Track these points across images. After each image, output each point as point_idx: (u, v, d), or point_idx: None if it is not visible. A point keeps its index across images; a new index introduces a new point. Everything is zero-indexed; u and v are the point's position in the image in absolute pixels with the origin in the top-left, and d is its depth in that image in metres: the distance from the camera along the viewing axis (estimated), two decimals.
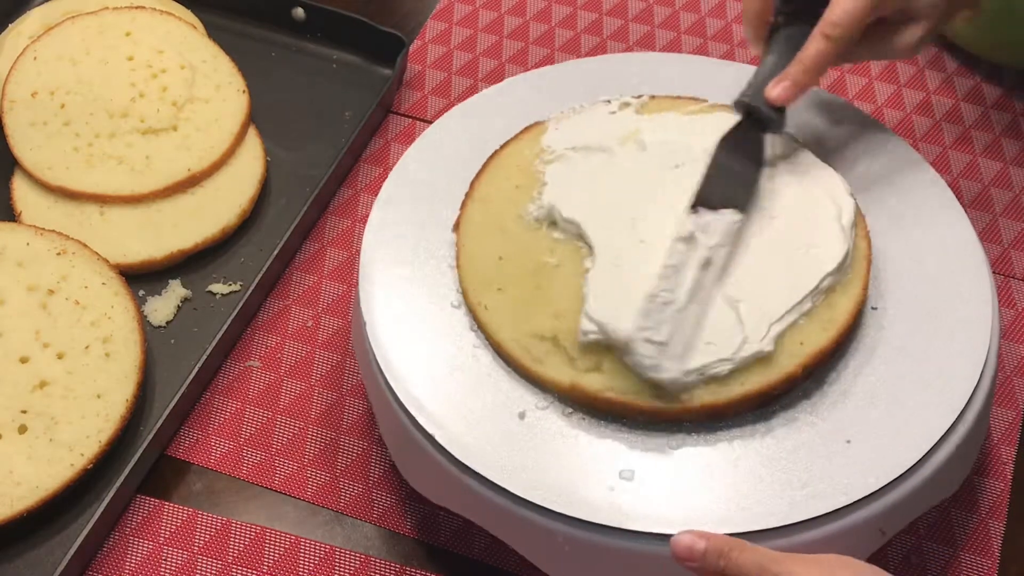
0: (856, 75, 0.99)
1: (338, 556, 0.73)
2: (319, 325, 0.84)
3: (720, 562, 0.55)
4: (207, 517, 0.75)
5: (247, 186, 0.89)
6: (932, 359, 0.68)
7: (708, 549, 0.56)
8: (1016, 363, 0.81)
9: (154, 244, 0.85)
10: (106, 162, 0.87)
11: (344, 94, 0.97)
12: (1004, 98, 0.97)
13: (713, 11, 1.04)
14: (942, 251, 0.73)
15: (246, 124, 0.92)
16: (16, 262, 0.80)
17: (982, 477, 0.76)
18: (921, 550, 0.73)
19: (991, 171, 0.93)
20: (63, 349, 0.77)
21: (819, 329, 0.66)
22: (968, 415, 0.66)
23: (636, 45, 1.02)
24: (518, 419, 0.66)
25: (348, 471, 0.77)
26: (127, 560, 0.73)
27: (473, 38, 1.03)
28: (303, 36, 1.01)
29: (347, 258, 0.88)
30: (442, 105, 0.97)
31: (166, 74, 0.92)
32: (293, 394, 0.81)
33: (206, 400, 0.80)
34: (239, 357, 0.83)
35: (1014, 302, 0.85)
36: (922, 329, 0.69)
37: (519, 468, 0.64)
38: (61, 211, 0.86)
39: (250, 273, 0.85)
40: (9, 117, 0.89)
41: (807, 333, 0.66)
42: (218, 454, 0.78)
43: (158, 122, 0.89)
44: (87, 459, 0.73)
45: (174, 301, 0.84)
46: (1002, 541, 0.73)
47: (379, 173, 0.93)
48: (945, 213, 0.75)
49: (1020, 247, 0.88)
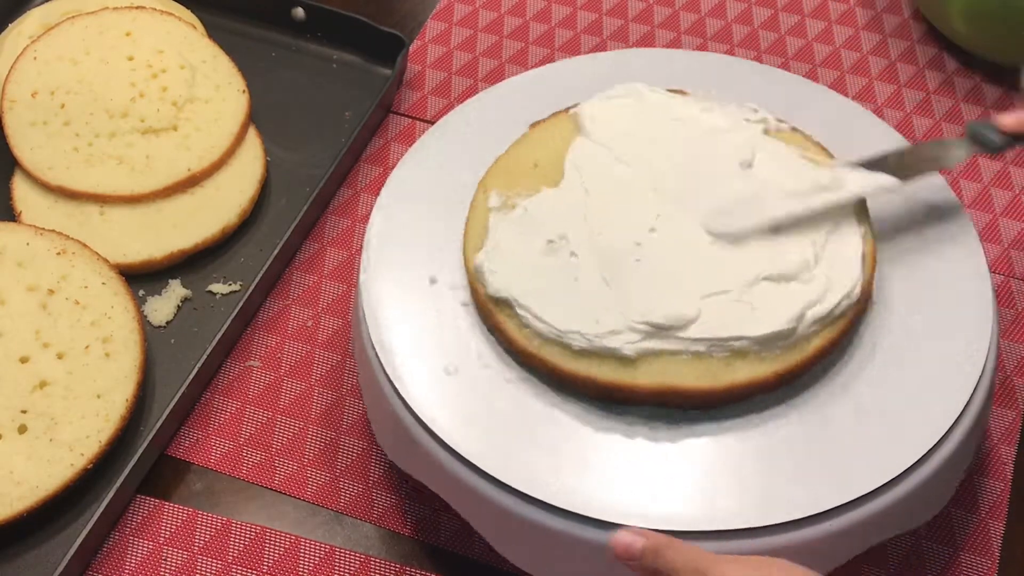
0: (856, 75, 0.99)
1: (338, 556, 0.73)
2: (319, 325, 0.84)
3: (657, 561, 0.55)
4: (207, 517, 0.75)
5: (247, 186, 0.89)
6: (932, 359, 0.68)
7: (645, 548, 0.55)
8: (1016, 363, 0.81)
9: (154, 244, 0.85)
10: (106, 162, 0.87)
11: (344, 94, 0.97)
12: (1004, 98, 0.97)
13: (713, 11, 1.04)
14: (942, 251, 0.73)
15: (246, 124, 0.92)
16: (16, 262, 0.80)
17: (982, 477, 0.76)
18: (921, 550, 0.73)
19: (991, 171, 0.93)
20: (63, 349, 0.77)
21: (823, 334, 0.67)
22: (968, 415, 0.66)
23: (636, 45, 1.02)
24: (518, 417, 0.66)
25: (348, 471, 0.77)
26: (127, 560, 0.73)
27: (473, 38, 1.03)
28: (303, 36, 1.01)
29: (347, 258, 0.88)
30: (442, 105, 0.97)
31: (166, 74, 0.92)
32: (293, 394, 0.81)
33: (206, 400, 0.80)
34: (239, 357, 0.83)
35: (1014, 302, 0.85)
36: (922, 329, 0.69)
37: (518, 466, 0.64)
38: (61, 211, 0.86)
39: (250, 273, 0.85)
40: (9, 117, 0.89)
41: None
42: (218, 454, 0.78)
43: (158, 122, 0.89)
44: (87, 459, 0.73)
45: (174, 301, 0.84)
46: (1002, 541, 0.73)
47: (379, 173, 0.93)
48: (945, 213, 0.75)
49: (1020, 247, 0.88)
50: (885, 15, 1.04)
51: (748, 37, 1.02)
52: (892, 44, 1.02)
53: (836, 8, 1.05)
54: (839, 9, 1.05)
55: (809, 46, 1.02)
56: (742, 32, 1.03)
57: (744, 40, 1.02)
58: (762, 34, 1.03)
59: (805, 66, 1.00)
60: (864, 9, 1.05)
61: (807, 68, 1.00)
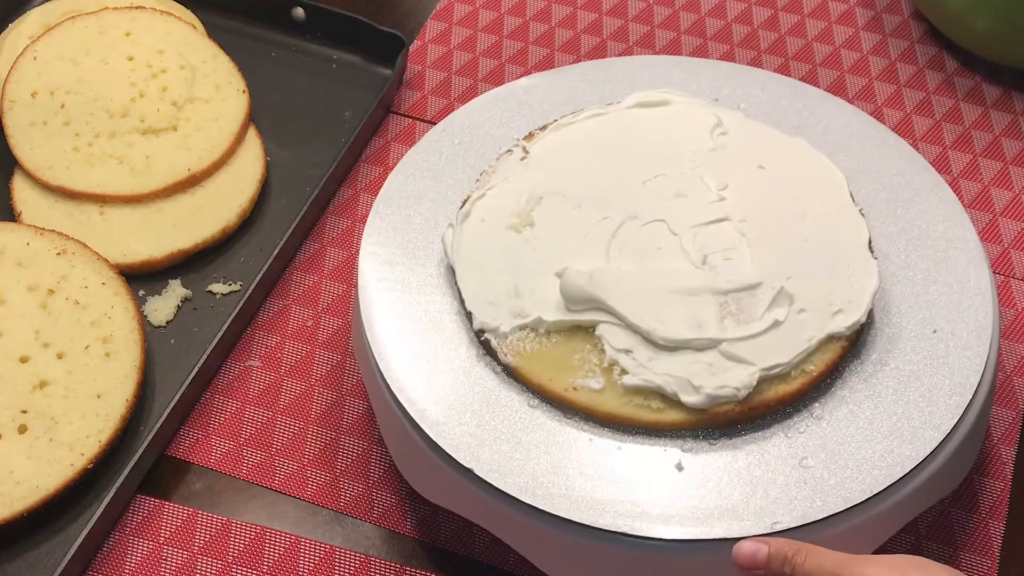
0: (856, 75, 0.99)
1: (338, 556, 0.73)
2: (319, 325, 0.84)
3: (785, 568, 0.54)
4: (207, 517, 0.75)
5: (247, 186, 0.89)
6: (933, 359, 0.68)
7: (771, 555, 0.54)
8: (1016, 363, 0.81)
9: (154, 244, 0.85)
10: (106, 162, 0.87)
11: (344, 94, 0.97)
12: (1004, 98, 0.97)
13: (713, 11, 1.04)
14: (942, 251, 0.73)
15: (246, 124, 0.92)
16: (16, 262, 0.80)
17: (982, 477, 0.76)
18: (921, 550, 0.73)
19: (991, 171, 0.93)
20: (63, 349, 0.77)
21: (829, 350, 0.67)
22: (968, 415, 0.66)
23: (636, 45, 1.02)
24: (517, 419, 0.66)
25: (348, 471, 0.77)
26: (127, 560, 0.73)
27: (473, 38, 1.03)
28: (303, 36, 1.01)
29: (347, 258, 0.88)
30: (442, 105, 0.97)
31: (166, 74, 0.92)
32: (293, 394, 0.81)
33: (206, 400, 0.80)
34: (239, 357, 0.83)
35: (1014, 302, 0.85)
36: (923, 329, 0.69)
37: (518, 470, 0.64)
38: (61, 211, 0.86)
39: (250, 273, 0.85)
40: (9, 117, 0.89)
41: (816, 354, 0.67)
42: (218, 454, 0.78)
43: (158, 122, 0.89)
44: (87, 459, 0.73)
45: (174, 301, 0.84)
46: (1002, 541, 0.73)
47: (379, 173, 0.93)
48: (945, 213, 0.75)
49: (1020, 247, 0.88)
50: (885, 15, 1.04)
51: (748, 37, 1.02)
52: (892, 44, 1.02)
53: (836, 8, 1.05)
54: (839, 9, 1.05)
55: (809, 46, 1.02)
56: (742, 32, 1.03)
57: (744, 40, 1.02)
58: (762, 34, 1.03)
59: (805, 66, 1.00)
60: (864, 9, 1.05)
61: (807, 68, 1.00)
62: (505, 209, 0.73)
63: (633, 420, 0.65)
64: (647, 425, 0.65)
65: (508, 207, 0.73)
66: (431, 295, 0.72)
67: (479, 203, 0.74)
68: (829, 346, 0.67)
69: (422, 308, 0.71)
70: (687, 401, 0.64)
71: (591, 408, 0.66)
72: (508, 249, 0.71)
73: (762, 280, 0.68)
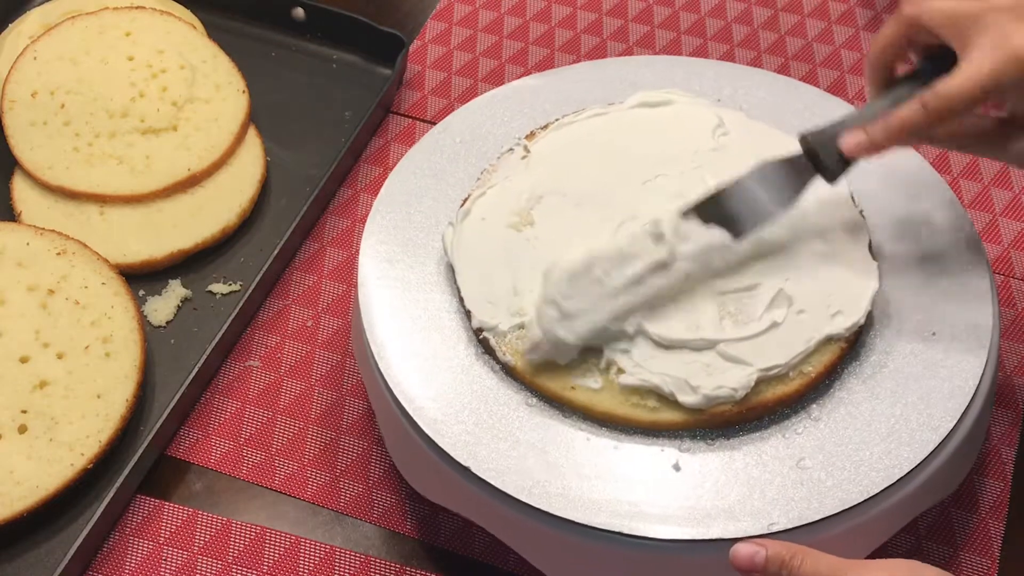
0: (856, 75, 0.99)
1: (338, 556, 0.73)
2: (319, 325, 0.84)
3: (782, 572, 0.54)
4: (207, 517, 0.75)
5: (247, 186, 0.89)
6: (933, 359, 0.68)
7: (769, 558, 0.54)
8: (1016, 363, 0.81)
9: (154, 244, 0.85)
10: (106, 162, 0.87)
11: (344, 94, 0.97)
12: None
13: (713, 11, 1.04)
14: (942, 251, 0.73)
15: (246, 124, 0.92)
16: (16, 262, 0.80)
17: (982, 477, 0.76)
18: (921, 550, 0.73)
19: (991, 171, 0.92)
20: (63, 349, 0.77)
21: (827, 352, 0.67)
22: (968, 415, 0.66)
23: (636, 45, 1.02)
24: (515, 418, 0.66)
25: (348, 471, 0.77)
26: (127, 560, 0.73)
27: (473, 38, 1.03)
28: (303, 36, 1.01)
29: (347, 258, 0.88)
30: (442, 105, 0.97)
31: (166, 74, 0.92)
32: (293, 394, 0.81)
33: (206, 400, 0.80)
34: (239, 357, 0.83)
35: (1014, 302, 0.85)
36: (923, 329, 0.69)
37: (515, 469, 0.64)
38: (61, 211, 0.86)
39: (250, 273, 0.85)
40: (9, 117, 0.89)
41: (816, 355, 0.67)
42: (218, 454, 0.78)
43: (158, 122, 0.89)
44: (87, 459, 0.73)
45: (174, 301, 0.84)
46: (1002, 541, 0.73)
47: (379, 173, 0.93)
48: (945, 213, 0.75)
49: (1020, 247, 0.88)
50: (885, 15, 1.04)
51: (748, 37, 1.02)
52: None
53: (836, 8, 1.05)
54: (839, 9, 1.05)
55: (809, 46, 1.02)
56: (742, 32, 1.03)
57: (744, 40, 1.02)
58: (762, 34, 1.03)
59: (805, 66, 1.00)
60: (864, 9, 1.05)
61: (807, 68, 1.00)
62: (505, 208, 0.73)
63: (631, 420, 0.65)
64: (645, 425, 0.65)
65: (508, 206, 0.73)
66: (431, 293, 0.72)
67: (479, 201, 0.74)
68: (827, 347, 0.67)
69: (421, 306, 0.72)
70: (684, 401, 0.64)
71: (589, 407, 0.66)
72: (508, 248, 0.71)
73: (761, 281, 0.68)
